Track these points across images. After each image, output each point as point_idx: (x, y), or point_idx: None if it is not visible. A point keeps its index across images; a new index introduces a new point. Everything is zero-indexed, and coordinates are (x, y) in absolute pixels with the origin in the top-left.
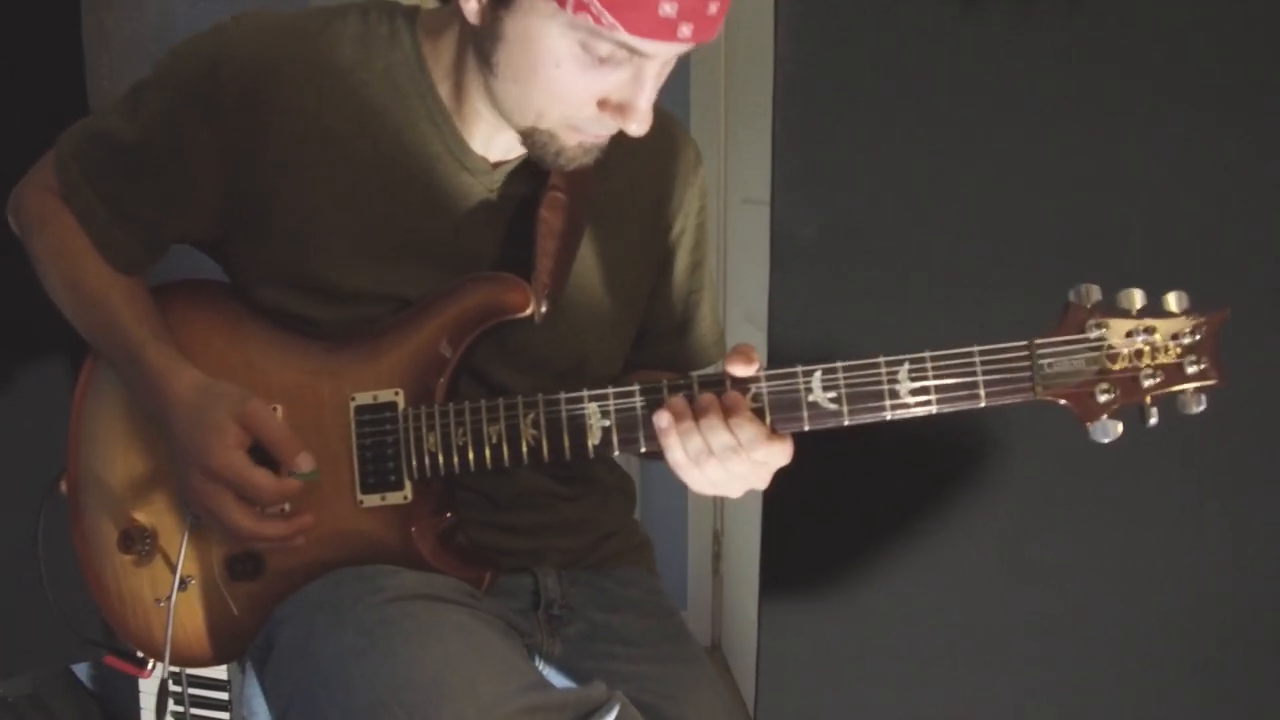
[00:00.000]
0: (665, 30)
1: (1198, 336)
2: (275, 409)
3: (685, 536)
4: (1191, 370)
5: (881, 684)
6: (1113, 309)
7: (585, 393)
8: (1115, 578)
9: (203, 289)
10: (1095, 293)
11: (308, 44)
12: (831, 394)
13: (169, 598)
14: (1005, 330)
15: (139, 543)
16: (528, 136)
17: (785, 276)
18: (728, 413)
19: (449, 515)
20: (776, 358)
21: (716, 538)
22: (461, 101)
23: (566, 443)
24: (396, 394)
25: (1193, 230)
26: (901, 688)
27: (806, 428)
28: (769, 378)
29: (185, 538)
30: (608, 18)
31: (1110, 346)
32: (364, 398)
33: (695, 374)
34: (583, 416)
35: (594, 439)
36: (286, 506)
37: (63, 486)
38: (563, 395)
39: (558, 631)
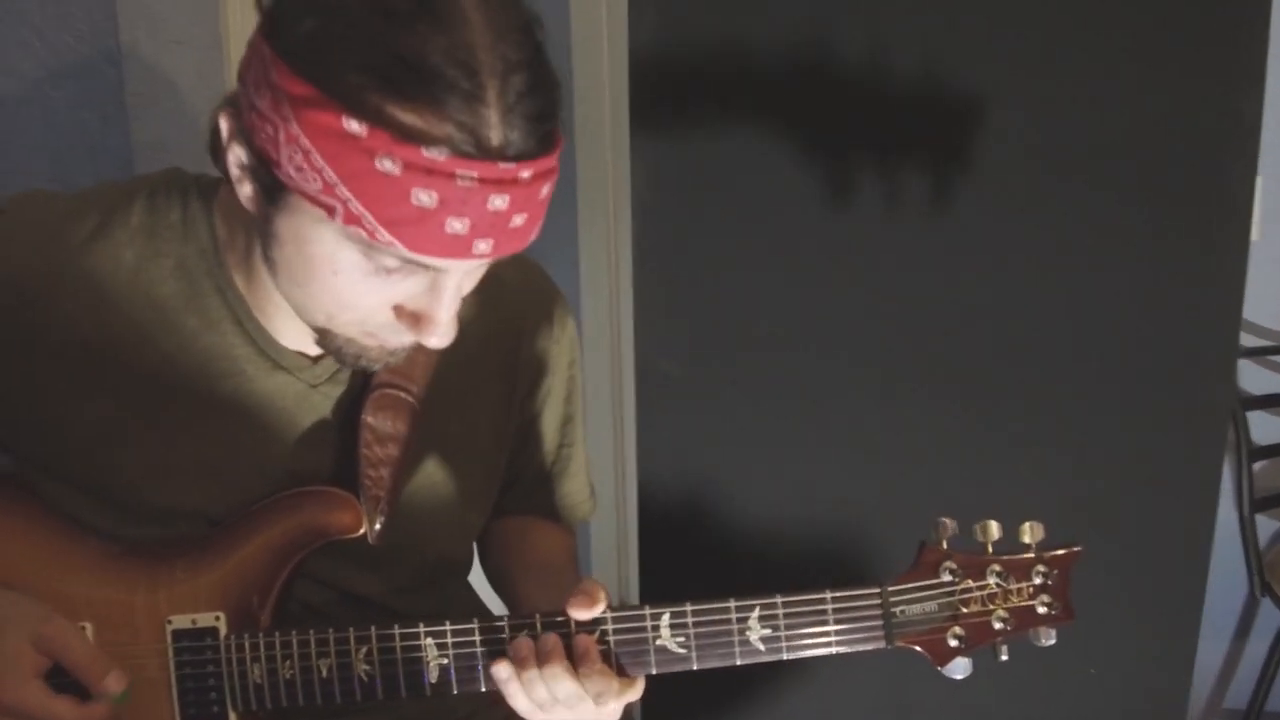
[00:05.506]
0: (457, 248)
1: (1050, 580)
2: (84, 627)
3: None
4: (1043, 612)
5: None
6: (968, 544)
7: (421, 628)
8: None
9: None
10: (950, 527)
11: (76, 252)
12: (680, 638)
13: None
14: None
15: None
16: (322, 337)
17: (651, 411)
18: (576, 662)
19: None
20: (646, 494)
21: None
22: (258, 292)
23: (402, 681)
24: (217, 619)
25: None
26: None
27: (654, 671)
28: (615, 620)
29: None
30: (383, 234)
31: (963, 591)
32: (181, 621)
33: (538, 614)
34: (420, 654)
35: (431, 676)
36: None
37: None
38: (397, 630)
39: None
